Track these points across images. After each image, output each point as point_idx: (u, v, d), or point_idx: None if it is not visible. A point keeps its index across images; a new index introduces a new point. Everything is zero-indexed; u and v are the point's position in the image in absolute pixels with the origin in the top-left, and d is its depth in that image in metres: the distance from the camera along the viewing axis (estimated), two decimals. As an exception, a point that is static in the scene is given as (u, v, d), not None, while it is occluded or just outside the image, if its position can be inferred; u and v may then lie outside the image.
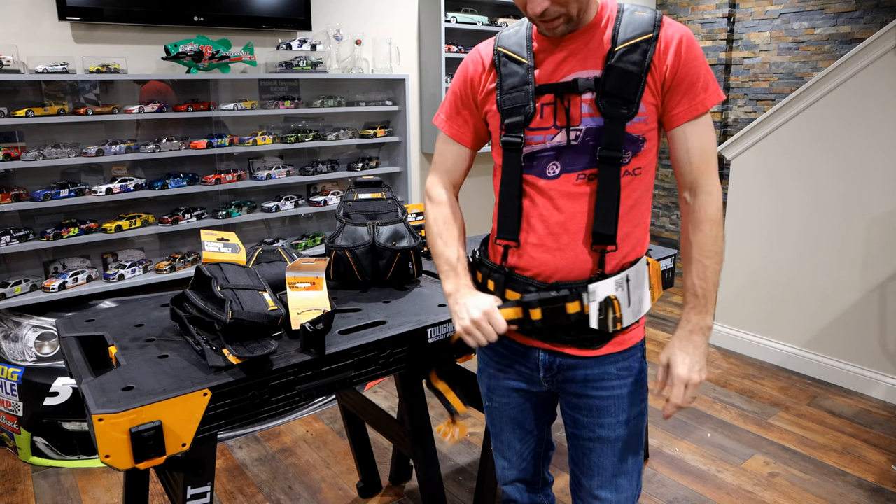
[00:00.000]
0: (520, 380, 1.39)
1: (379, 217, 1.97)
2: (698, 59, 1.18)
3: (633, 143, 1.21)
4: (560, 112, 1.21)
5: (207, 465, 1.41)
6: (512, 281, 1.29)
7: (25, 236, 2.68)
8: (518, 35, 1.26)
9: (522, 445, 1.47)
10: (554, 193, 1.23)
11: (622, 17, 1.19)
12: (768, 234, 3.51)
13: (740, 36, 4.62)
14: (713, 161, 1.24)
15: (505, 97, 1.25)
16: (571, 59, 1.20)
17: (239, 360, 1.37)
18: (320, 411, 3.09)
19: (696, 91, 1.19)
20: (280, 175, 3.36)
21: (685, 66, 1.17)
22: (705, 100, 1.19)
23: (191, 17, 3.01)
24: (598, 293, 1.22)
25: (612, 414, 1.32)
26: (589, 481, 1.37)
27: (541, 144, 1.23)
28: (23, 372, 2.60)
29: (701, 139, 1.22)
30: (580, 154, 1.21)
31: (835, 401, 3.15)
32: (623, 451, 1.34)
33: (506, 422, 1.45)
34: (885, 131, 3.00)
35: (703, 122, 1.21)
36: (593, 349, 1.28)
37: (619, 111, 1.17)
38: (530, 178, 1.26)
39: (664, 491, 2.47)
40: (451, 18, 3.79)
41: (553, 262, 1.25)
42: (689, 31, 1.20)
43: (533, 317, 1.24)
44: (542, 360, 1.33)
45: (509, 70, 1.25)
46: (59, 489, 2.50)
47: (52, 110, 2.66)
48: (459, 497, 2.43)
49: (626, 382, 1.32)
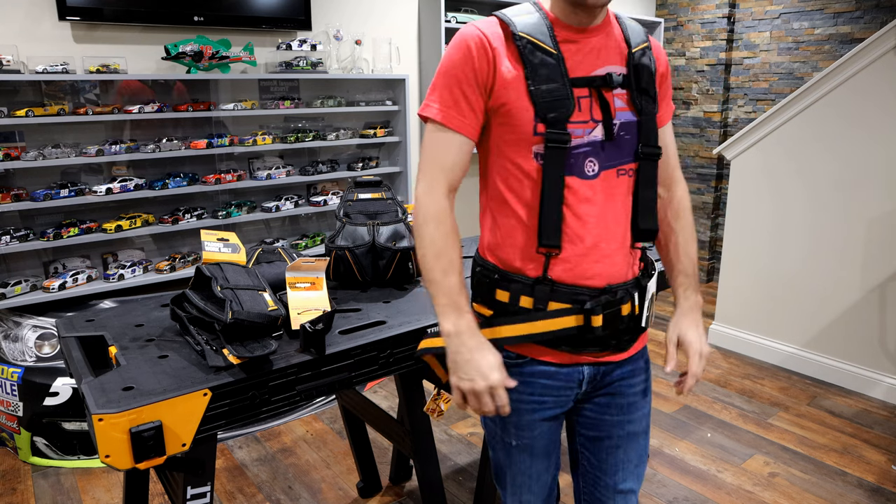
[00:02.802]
0: (556, 406, 1.28)
1: (379, 217, 1.97)
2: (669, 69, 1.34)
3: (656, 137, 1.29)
4: (595, 106, 1.18)
5: (207, 465, 1.41)
6: (557, 292, 1.17)
7: (25, 236, 2.68)
8: (537, 23, 1.16)
9: (547, 474, 1.36)
10: (595, 194, 1.17)
11: (622, 20, 1.26)
12: (768, 234, 3.51)
13: (740, 36, 4.62)
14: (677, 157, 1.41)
15: (542, 88, 1.13)
16: (600, 53, 1.19)
17: (239, 360, 1.37)
18: (320, 411, 3.09)
19: (669, 96, 1.34)
20: (280, 175, 3.36)
21: (667, 75, 1.32)
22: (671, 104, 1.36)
23: (191, 17, 3.00)
24: (649, 291, 1.25)
25: (640, 407, 1.34)
26: (612, 478, 1.35)
27: (578, 139, 1.16)
28: (23, 372, 2.60)
29: (672, 138, 1.37)
30: (619, 149, 1.20)
31: (835, 401, 3.15)
32: (644, 443, 1.37)
33: (537, 456, 1.32)
34: (885, 131, 3.00)
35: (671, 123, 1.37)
36: (628, 350, 1.29)
37: (651, 107, 1.24)
38: (571, 181, 1.16)
39: (664, 491, 2.47)
40: (451, 18, 3.79)
41: (603, 267, 1.18)
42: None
43: (594, 324, 1.17)
44: (587, 374, 1.25)
45: (539, 59, 1.14)
46: (59, 489, 2.50)
47: (52, 110, 2.66)
48: (459, 497, 2.43)
49: (647, 375, 1.36)
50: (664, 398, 3.20)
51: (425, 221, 1.17)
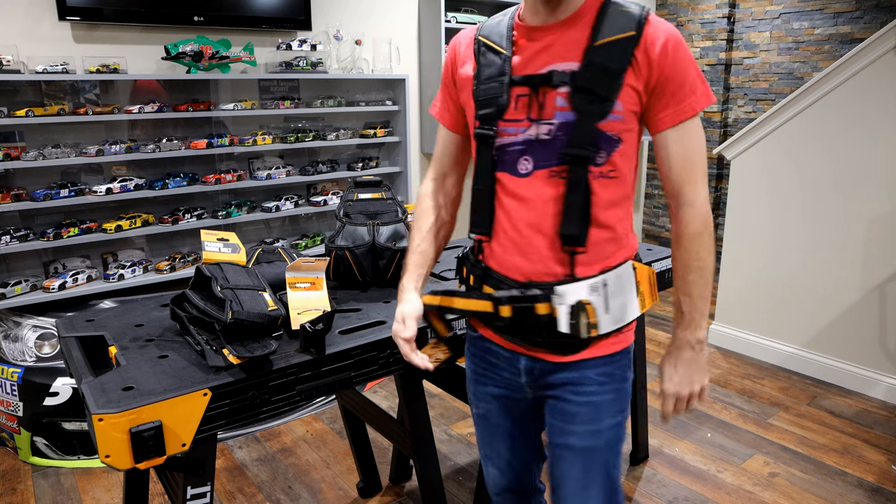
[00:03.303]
0: (502, 386, 1.35)
1: (379, 217, 1.97)
2: (685, 61, 1.13)
3: (607, 143, 1.15)
4: (534, 105, 1.16)
5: (207, 465, 1.41)
6: (488, 276, 1.26)
7: (25, 236, 2.68)
8: (500, 25, 1.23)
9: (511, 454, 1.42)
10: (525, 192, 1.19)
11: (608, 9, 1.14)
12: (768, 233, 3.51)
13: (740, 36, 4.62)
14: (698, 170, 1.17)
15: (481, 87, 1.22)
16: (550, 50, 1.16)
17: (239, 360, 1.37)
18: (320, 411, 3.09)
19: (682, 95, 1.13)
20: (280, 175, 3.36)
21: (670, 68, 1.12)
22: (693, 104, 1.14)
23: (191, 17, 3.01)
24: (566, 296, 1.17)
25: (586, 422, 1.26)
26: (556, 493, 1.32)
27: (512, 137, 1.19)
28: (23, 372, 2.60)
29: (684, 146, 1.16)
30: (552, 150, 1.16)
31: (835, 401, 3.15)
32: (592, 463, 1.27)
33: (493, 429, 1.41)
34: (885, 131, 3.00)
35: (688, 127, 1.15)
36: (569, 355, 1.23)
37: (592, 107, 1.12)
38: (502, 177, 1.22)
39: (664, 491, 2.47)
40: (451, 18, 3.79)
41: (524, 263, 1.21)
42: (676, 31, 1.14)
43: (502, 313, 1.21)
44: (524, 365, 1.29)
45: (487, 60, 1.22)
46: (59, 489, 2.50)
47: (52, 110, 2.66)
48: (459, 497, 2.43)
49: (605, 389, 1.25)
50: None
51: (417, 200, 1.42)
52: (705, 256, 1.19)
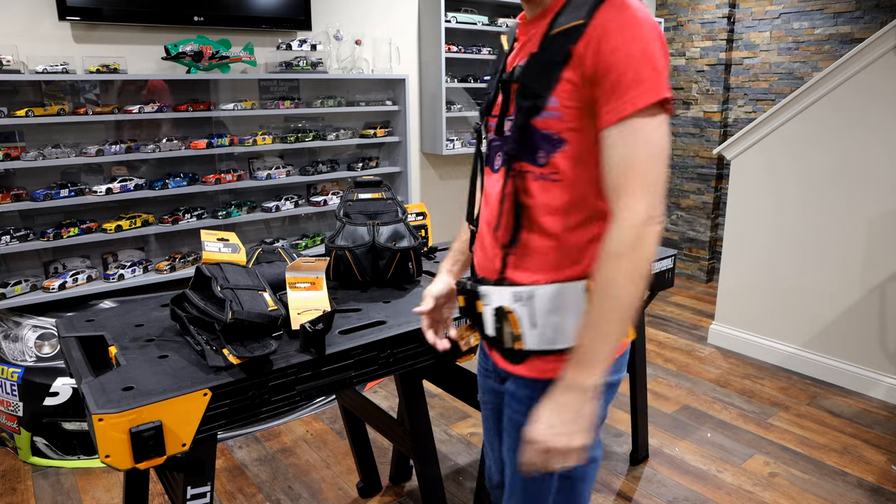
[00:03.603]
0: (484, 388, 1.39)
1: (379, 217, 1.97)
2: (629, 47, 0.95)
3: (546, 142, 1.05)
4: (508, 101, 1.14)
5: (207, 465, 1.41)
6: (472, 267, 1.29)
7: (25, 236, 2.68)
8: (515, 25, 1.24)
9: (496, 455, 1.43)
10: (489, 187, 1.21)
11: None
12: (768, 233, 3.51)
13: (740, 36, 4.62)
14: (636, 180, 0.96)
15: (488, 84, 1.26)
16: (526, 45, 1.13)
17: (239, 360, 1.37)
18: (320, 411, 3.09)
19: (623, 88, 0.95)
20: (280, 175, 3.36)
21: (611, 56, 0.96)
22: (635, 98, 0.95)
23: (191, 17, 3.00)
24: (489, 297, 1.14)
25: (510, 435, 1.23)
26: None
27: (491, 133, 1.20)
28: (23, 372, 2.60)
29: (623, 149, 0.97)
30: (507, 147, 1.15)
31: (835, 401, 3.15)
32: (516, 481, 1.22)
33: (486, 419, 1.42)
34: (885, 131, 3.00)
35: (631, 127, 0.96)
36: (512, 364, 1.17)
37: (527, 103, 1.05)
38: (486, 171, 1.24)
39: (664, 491, 2.47)
40: (451, 18, 3.79)
41: (480, 257, 1.23)
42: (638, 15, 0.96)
43: (460, 303, 1.26)
44: (491, 364, 1.31)
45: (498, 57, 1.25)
46: (59, 489, 2.50)
47: (52, 110, 2.66)
48: (459, 497, 2.43)
49: (525, 411, 1.15)
50: (664, 398, 3.20)
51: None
52: (623, 285, 0.97)
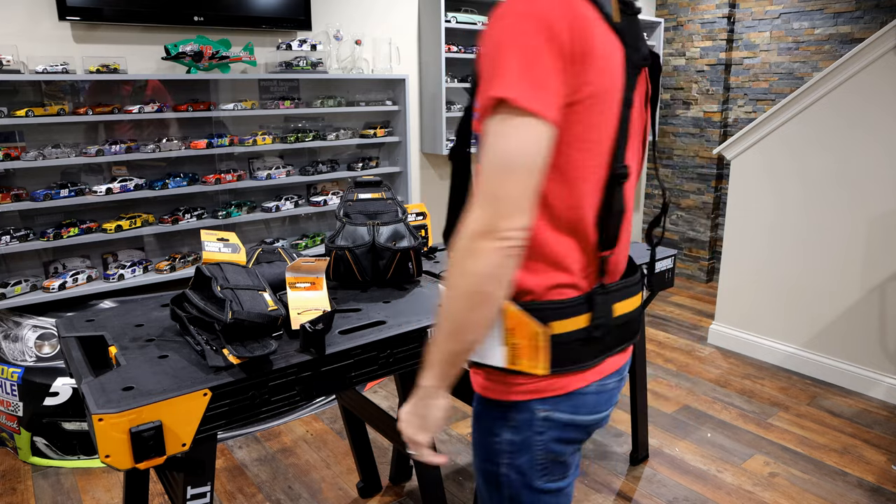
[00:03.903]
0: None
1: (379, 217, 1.97)
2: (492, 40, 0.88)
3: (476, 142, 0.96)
4: None
5: (207, 465, 1.41)
6: None
7: (25, 236, 2.68)
8: None
9: None
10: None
11: None
12: (768, 233, 3.52)
13: (740, 36, 4.62)
14: (479, 187, 0.88)
15: None
16: None
17: (239, 360, 1.37)
18: (320, 411, 3.09)
19: (482, 86, 0.88)
20: (280, 175, 3.36)
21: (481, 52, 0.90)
22: (482, 100, 0.89)
23: (191, 17, 3.00)
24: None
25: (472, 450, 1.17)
26: None
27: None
28: (23, 372, 2.60)
29: (481, 150, 0.89)
30: None
31: (835, 401, 3.15)
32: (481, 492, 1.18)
33: None
34: (885, 131, 3.00)
35: (484, 130, 0.88)
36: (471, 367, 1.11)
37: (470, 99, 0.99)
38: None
39: (664, 491, 2.47)
40: (451, 18, 3.79)
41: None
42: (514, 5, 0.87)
43: None
44: None
45: None
46: (59, 489, 2.50)
47: (52, 110, 2.66)
48: (459, 497, 2.43)
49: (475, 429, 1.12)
50: (664, 398, 3.20)
51: None
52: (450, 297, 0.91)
